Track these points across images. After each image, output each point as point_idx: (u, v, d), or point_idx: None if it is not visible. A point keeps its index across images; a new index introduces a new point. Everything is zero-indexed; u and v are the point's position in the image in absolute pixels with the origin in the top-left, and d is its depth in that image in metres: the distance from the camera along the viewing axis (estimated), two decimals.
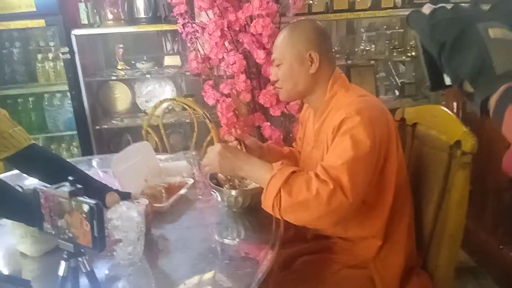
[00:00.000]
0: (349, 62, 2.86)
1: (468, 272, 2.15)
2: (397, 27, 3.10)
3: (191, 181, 1.49)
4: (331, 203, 1.06)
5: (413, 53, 2.91)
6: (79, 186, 0.75)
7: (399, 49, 3.00)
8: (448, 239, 1.32)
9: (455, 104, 2.05)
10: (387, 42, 3.04)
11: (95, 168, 1.68)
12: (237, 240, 1.23)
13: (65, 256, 0.77)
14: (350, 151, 1.09)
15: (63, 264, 0.77)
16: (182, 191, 1.42)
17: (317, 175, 1.09)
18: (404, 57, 2.95)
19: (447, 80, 0.63)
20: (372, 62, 2.91)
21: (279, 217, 1.13)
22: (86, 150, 2.82)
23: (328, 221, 1.10)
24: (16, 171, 1.74)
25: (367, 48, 2.98)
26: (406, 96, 3.06)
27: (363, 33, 3.04)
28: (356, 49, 3.00)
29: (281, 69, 1.30)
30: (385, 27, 3.06)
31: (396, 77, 3.26)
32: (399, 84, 3.19)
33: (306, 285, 1.26)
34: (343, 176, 1.07)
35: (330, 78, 1.29)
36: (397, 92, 3.17)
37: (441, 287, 1.34)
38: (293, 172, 1.12)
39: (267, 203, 1.13)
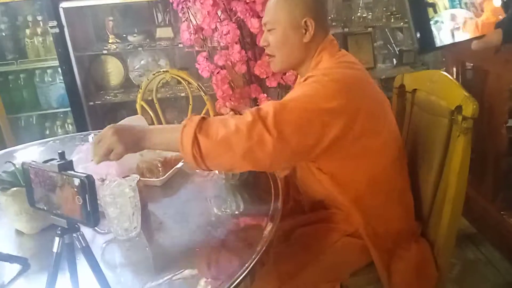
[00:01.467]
0: (346, 30, 2.80)
1: (467, 239, 2.16)
2: None
3: None
4: (252, 135, 0.99)
5: None
6: (68, 159, 0.72)
7: (397, 15, 2.93)
8: (449, 206, 1.30)
9: (454, 69, 2.01)
10: (384, 8, 2.96)
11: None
12: (236, 212, 1.21)
13: (59, 232, 0.75)
14: (295, 94, 1.07)
15: (57, 241, 0.75)
16: (179, 165, 1.40)
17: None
18: (402, 24, 2.88)
19: (438, 41, 0.59)
20: (370, 29, 2.85)
21: (205, 168, 1.05)
22: (81, 127, 2.79)
23: (255, 158, 1.01)
24: (7, 149, 1.72)
25: (364, 15, 2.90)
26: (404, 64, 3.01)
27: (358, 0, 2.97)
28: (352, 17, 2.92)
29: (273, 34, 1.24)
30: None
31: (394, 45, 3.20)
32: (397, 52, 3.13)
33: (306, 256, 1.25)
34: (269, 110, 1.01)
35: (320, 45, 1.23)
36: (395, 61, 3.12)
37: (442, 256, 1.34)
38: (204, 118, 1.04)
39: (187, 156, 1.03)
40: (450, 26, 0.58)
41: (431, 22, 0.58)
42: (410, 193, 1.33)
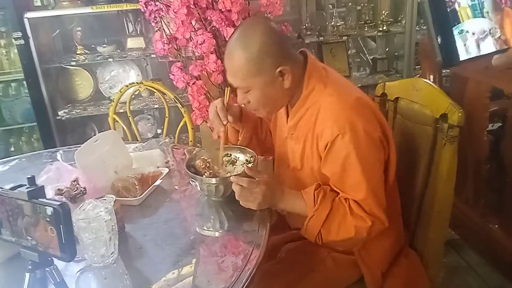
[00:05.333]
0: (320, 38, 2.79)
1: (448, 245, 2.16)
2: (365, 3, 3.04)
3: (166, 170, 1.38)
4: (371, 234, 1.13)
5: (385, 28, 2.86)
6: (39, 185, 0.64)
7: (370, 24, 2.95)
8: (437, 215, 1.29)
9: (431, 77, 2.02)
10: (357, 17, 2.98)
11: (60, 161, 1.55)
12: (221, 232, 1.15)
13: (30, 267, 0.67)
14: (362, 176, 1.09)
15: (27, 277, 0.66)
16: (157, 182, 1.32)
17: (350, 208, 1.11)
18: (376, 32, 2.90)
19: (463, 54, 0.54)
20: (344, 38, 2.85)
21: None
22: (48, 142, 2.67)
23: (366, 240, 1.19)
24: None
25: (338, 24, 2.91)
26: (378, 72, 3.03)
27: (331, 9, 2.97)
28: (326, 26, 2.93)
29: (251, 95, 1.15)
30: (350, 3, 3.00)
31: (366, 54, 3.22)
32: (370, 61, 3.15)
33: (295, 274, 1.20)
34: (374, 207, 1.10)
35: (304, 73, 1.17)
36: (367, 69, 3.14)
37: (431, 265, 1.33)
38: (330, 209, 1.12)
39: (308, 238, 1.19)
40: (474, 37, 0.53)
41: (456, 32, 0.53)
42: (400, 207, 1.31)
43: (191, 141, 1.92)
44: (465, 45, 0.53)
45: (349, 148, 1.08)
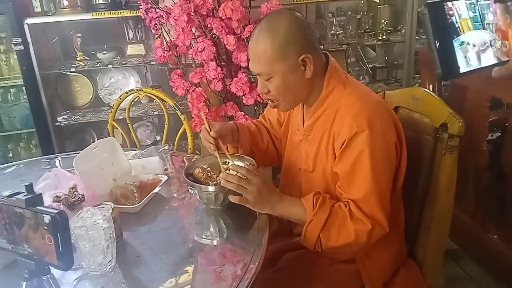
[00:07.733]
0: (320, 47, 2.78)
1: (448, 255, 2.14)
2: (365, 12, 3.05)
3: (165, 178, 1.37)
4: (371, 239, 1.11)
5: (384, 37, 2.88)
6: (37, 193, 0.63)
7: (370, 33, 2.96)
8: (437, 225, 1.29)
9: (431, 86, 2.02)
10: (356, 26, 2.99)
11: (59, 167, 1.54)
12: (220, 240, 1.14)
13: (26, 275, 0.66)
14: (370, 176, 1.09)
15: (24, 285, 0.66)
16: (156, 190, 1.31)
17: (350, 212, 1.10)
18: (376, 41, 2.91)
19: (464, 66, 0.54)
20: (344, 47, 2.86)
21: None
22: (47, 149, 2.66)
23: (366, 247, 1.17)
24: None
25: (338, 33, 2.92)
26: (378, 81, 3.04)
27: (331, 18, 2.99)
28: (327, 34, 2.94)
29: (273, 83, 1.14)
30: (349, 12, 3.02)
31: (366, 62, 3.23)
32: (369, 69, 3.16)
33: (295, 283, 1.19)
34: (376, 210, 1.09)
35: (325, 72, 1.17)
36: (367, 78, 3.15)
37: (431, 274, 1.32)
38: (329, 214, 1.12)
39: (308, 246, 1.17)
40: (475, 49, 0.53)
41: (458, 44, 0.53)
42: (403, 218, 1.29)
43: (190, 148, 1.92)
44: (465, 57, 0.53)
45: (364, 145, 1.08)
